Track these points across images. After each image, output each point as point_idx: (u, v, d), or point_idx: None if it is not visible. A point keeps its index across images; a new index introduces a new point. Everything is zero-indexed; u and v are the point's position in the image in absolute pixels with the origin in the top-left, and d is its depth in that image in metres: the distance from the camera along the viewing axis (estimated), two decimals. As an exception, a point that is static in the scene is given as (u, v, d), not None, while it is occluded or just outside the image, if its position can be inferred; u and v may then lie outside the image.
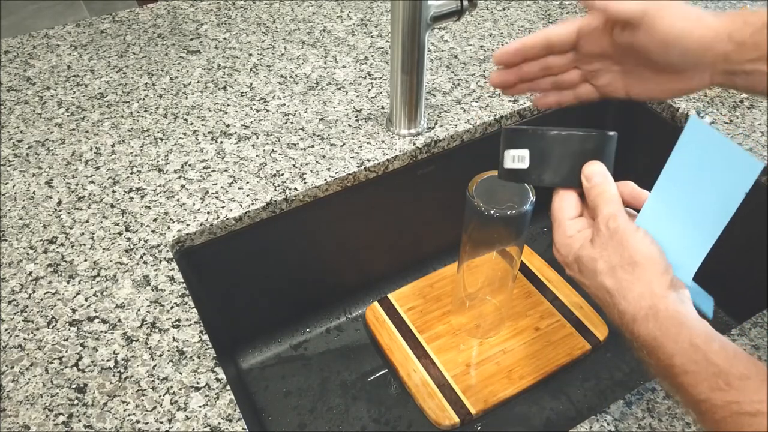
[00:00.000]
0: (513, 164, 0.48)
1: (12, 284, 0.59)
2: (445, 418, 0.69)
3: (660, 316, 0.39)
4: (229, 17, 0.96)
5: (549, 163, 0.47)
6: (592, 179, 0.45)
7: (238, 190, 0.68)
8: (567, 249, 0.45)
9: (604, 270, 0.42)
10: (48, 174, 0.70)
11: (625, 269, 0.41)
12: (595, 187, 0.45)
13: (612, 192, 0.44)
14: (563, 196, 0.47)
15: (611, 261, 0.42)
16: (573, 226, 0.45)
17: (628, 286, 0.41)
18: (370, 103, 0.79)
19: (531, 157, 0.47)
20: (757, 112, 0.77)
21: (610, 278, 0.42)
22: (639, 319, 0.40)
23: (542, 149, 0.47)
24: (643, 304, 0.40)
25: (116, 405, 0.50)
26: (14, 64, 0.87)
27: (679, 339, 0.38)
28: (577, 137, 0.46)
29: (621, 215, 0.43)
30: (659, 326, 0.39)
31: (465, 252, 0.69)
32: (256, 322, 0.78)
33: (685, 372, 0.37)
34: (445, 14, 0.66)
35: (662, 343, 0.38)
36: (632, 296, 0.40)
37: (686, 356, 0.37)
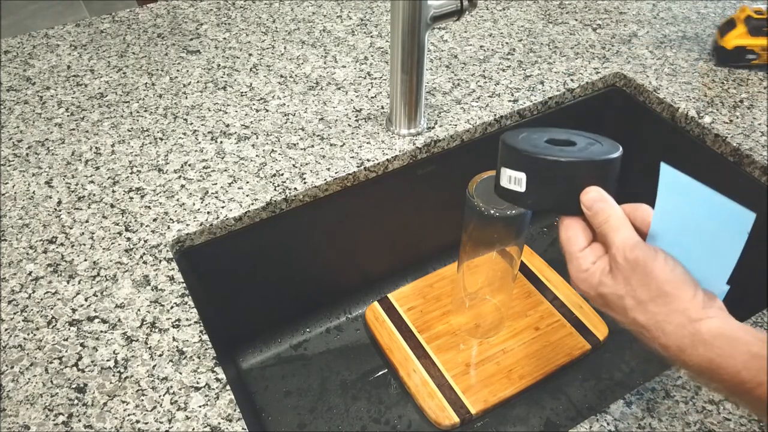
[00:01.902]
0: (509, 185, 0.46)
1: (12, 284, 0.59)
2: (445, 418, 0.69)
3: (707, 339, 0.37)
4: (229, 17, 0.96)
5: (547, 191, 0.45)
6: (593, 207, 0.43)
7: (238, 190, 0.68)
8: (586, 284, 0.43)
9: (634, 306, 0.40)
10: (48, 174, 0.70)
11: (656, 302, 0.39)
12: (598, 214, 0.42)
13: (618, 216, 0.42)
14: (568, 225, 0.44)
15: (639, 296, 0.40)
16: (587, 258, 0.43)
17: (665, 319, 0.39)
18: (370, 103, 0.79)
19: (528, 182, 0.44)
20: (757, 112, 0.77)
21: (642, 314, 0.40)
22: (687, 349, 0.38)
23: (541, 175, 0.44)
24: (684, 332, 0.38)
25: (116, 405, 0.50)
26: (14, 64, 0.87)
27: (736, 354, 0.36)
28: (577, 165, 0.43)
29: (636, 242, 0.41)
30: (710, 349, 0.37)
31: (465, 252, 0.69)
32: (256, 322, 0.78)
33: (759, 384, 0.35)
34: (445, 14, 0.66)
35: (720, 364, 0.37)
36: (671, 328, 0.39)
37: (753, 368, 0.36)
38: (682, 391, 0.53)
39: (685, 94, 0.81)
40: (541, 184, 0.44)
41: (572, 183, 0.43)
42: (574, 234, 0.44)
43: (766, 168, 0.71)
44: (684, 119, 0.78)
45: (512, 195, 0.46)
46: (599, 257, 0.43)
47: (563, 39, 0.91)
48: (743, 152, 0.72)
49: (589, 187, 0.43)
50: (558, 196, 0.44)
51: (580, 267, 0.43)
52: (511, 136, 0.47)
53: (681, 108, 0.78)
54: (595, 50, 0.88)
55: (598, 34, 0.92)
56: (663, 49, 0.89)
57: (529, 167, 0.44)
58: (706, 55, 0.88)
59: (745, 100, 0.79)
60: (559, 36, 0.91)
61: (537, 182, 0.44)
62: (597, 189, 0.43)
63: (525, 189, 0.45)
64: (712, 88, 0.82)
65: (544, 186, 0.44)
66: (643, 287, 0.39)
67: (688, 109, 0.78)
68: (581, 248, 0.43)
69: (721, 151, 0.75)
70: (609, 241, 0.41)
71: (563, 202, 0.44)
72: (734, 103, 0.79)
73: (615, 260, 0.41)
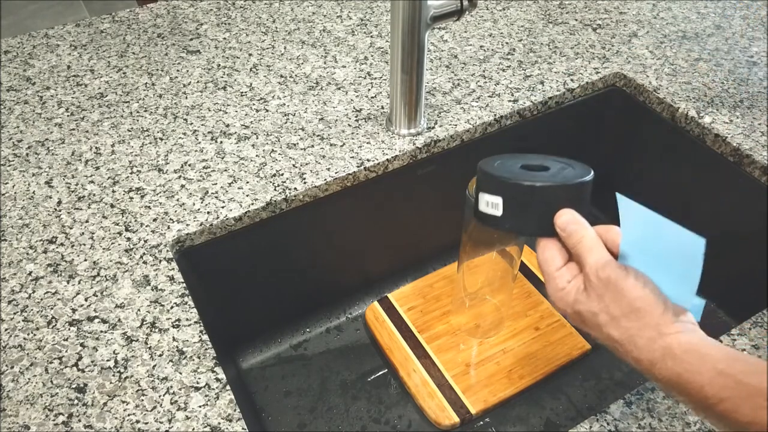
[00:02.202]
0: (487, 209, 0.48)
1: (12, 284, 0.59)
2: (445, 418, 0.69)
3: (677, 354, 0.39)
4: (229, 17, 0.96)
5: (523, 214, 0.46)
6: (566, 228, 0.45)
7: (238, 190, 0.68)
8: (563, 302, 0.45)
9: (607, 322, 0.42)
10: (48, 174, 0.70)
11: (628, 318, 0.41)
12: (572, 235, 0.44)
13: (590, 237, 0.44)
14: (545, 246, 0.46)
15: (612, 312, 0.42)
16: (563, 277, 0.45)
17: (637, 334, 0.41)
18: (369, 103, 0.79)
19: (505, 206, 0.46)
20: (757, 112, 0.77)
21: (615, 330, 0.42)
22: (657, 362, 0.40)
23: (516, 199, 0.46)
24: (655, 347, 0.40)
25: (116, 405, 0.50)
26: (14, 64, 0.87)
27: (703, 370, 0.38)
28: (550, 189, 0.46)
29: (608, 262, 0.43)
30: (679, 363, 0.39)
31: (465, 252, 0.69)
32: (256, 322, 0.78)
33: (721, 400, 0.37)
34: (445, 14, 0.66)
35: (687, 379, 0.38)
36: (642, 342, 0.40)
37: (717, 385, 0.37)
38: (682, 391, 0.53)
39: (685, 94, 0.81)
40: (518, 208, 0.46)
41: (547, 206, 0.46)
42: (551, 255, 0.46)
43: (766, 168, 0.71)
44: (684, 119, 0.78)
45: (490, 219, 0.48)
46: (574, 276, 0.45)
47: (563, 39, 0.91)
48: (743, 152, 0.72)
49: (563, 209, 0.45)
50: (534, 219, 0.46)
51: (557, 286, 0.45)
52: (486, 163, 0.50)
53: (681, 108, 0.78)
54: (595, 50, 0.88)
55: (598, 34, 0.92)
56: (663, 49, 0.89)
57: (505, 192, 0.46)
58: (706, 55, 0.88)
59: (745, 100, 0.79)
60: (559, 36, 0.91)
61: (513, 206, 0.46)
62: (570, 211, 0.45)
63: (502, 213, 0.47)
64: (712, 88, 0.82)
65: (520, 210, 0.46)
66: (615, 304, 0.41)
67: (688, 109, 0.78)
68: (558, 268, 0.45)
69: (721, 151, 0.75)
70: (583, 261, 0.44)
71: (539, 224, 0.46)
72: (734, 103, 0.79)
73: (589, 279, 0.43)
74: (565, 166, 0.49)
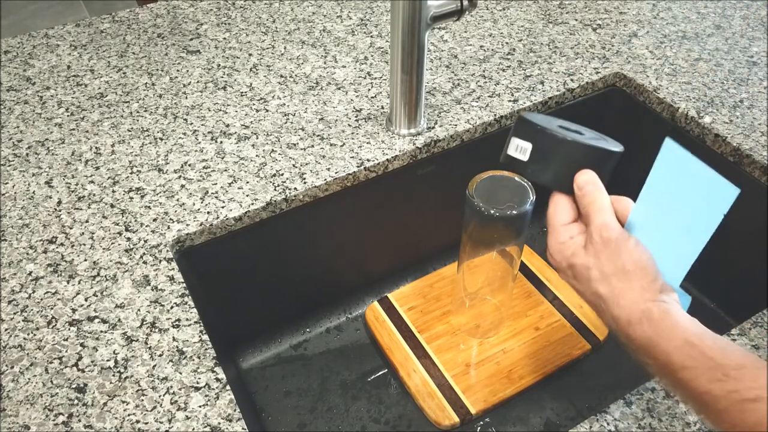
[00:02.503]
0: (514, 153, 0.49)
1: (12, 284, 0.59)
2: (445, 418, 0.69)
3: (654, 318, 0.41)
4: (229, 17, 0.96)
5: (547, 163, 0.48)
6: (584, 188, 0.46)
7: (238, 190, 0.68)
8: (560, 255, 0.47)
9: (598, 278, 0.44)
10: (48, 174, 0.70)
11: (618, 277, 0.43)
12: (586, 195, 0.46)
13: (602, 201, 0.45)
14: (557, 201, 0.48)
15: (604, 269, 0.43)
16: (566, 232, 0.47)
17: (621, 293, 0.42)
18: (370, 103, 0.79)
19: (532, 152, 0.48)
20: (756, 112, 0.77)
21: (604, 286, 0.43)
22: (633, 323, 0.41)
23: (545, 148, 0.48)
24: (635, 308, 0.42)
25: (116, 405, 0.50)
26: (14, 64, 0.87)
27: (673, 338, 0.40)
28: (579, 146, 0.47)
29: (613, 225, 0.44)
30: (653, 327, 0.40)
31: (465, 252, 0.69)
32: (256, 322, 0.78)
33: (684, 368, 0.39)
34: (445, 14, 0.66)
35: (657, 343, 0.40)
36: (625, 302, 0.42)
37: (682, 353, 0.39)
38: (682, 391, 0.53)
39: (685, 94, 0.81)
40: (544, 157, 0.48)
41: (571, 163, 0.47)
42: (561, 209, 0.48)
43: (766, 168, 0.71)
44: (684, 119, 0.78)
45: (515, 163, 0.49)
46: (578, 233, 0.46)
47: (563, 39, 0.91)
48: (743, 152, 0.72)
49: (586, 170, 0.47)
50: (556, 171, 0.48)
51: (558, 239, 0.47)
52: (528, 113, 0.51)
53: (681, 108, 0.78)
54: (595, 50, 0.88)
55: (598, 34, 0.92)
56: (663, 49, 0.89)
57: (536, 139, 0.48)
58: (706, 55, 0.88)
59: (745, 100, 0.79)
60: (559, 36, 0.91)
61: (540, 155, 0.48)
62: (591, 172, 0.47)
63: (528, 159, 0.48)
64: (712, 88, 0.82)
65: (545, 159, 0.48)
66: (610, 262, 0.43)
67: (688, 109, 0.78)
68: (564, 223, 0.47)
69: (721, 151, 0.75)
70: (590, 220, 0.45)
71: (559, 178, 0.48)
72: (734, 103, 0.79)
73: (591, 237, 0.45)
74: (600, 138, 0.50)
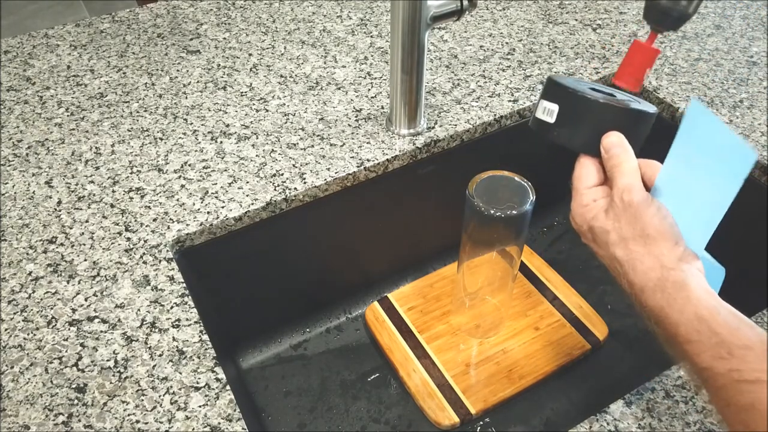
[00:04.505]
0: (542, 116, 0.48)
1: (12, 284, 0.59)
2: (445, 418, 0.69)
3: (667, 288, 0.40)
4: (229, 17, 0.96)
5: (575, 125, 0.46)
6: (610, 150, 0.45)
7: (238, 190, 0.68)
8: (581, 218, 0.46)
9: (616, 241, 0.43)
10: (48, 174, 0.70)
11: (636, 241, 0.42)
12: (612, 158, 0.45)
13: (629, 164, 0.44)
14: (584, 163, 0.47)
15: (623, 233, 0.43)
16: (589, 195, 0.46)
17: (639, 258, 0.42)
18: (369, 103, 0.79)
19: (559, 114, 0.47)
20: (756, 112, 0.77)
21: (621, 250, 0.43)
22: (647, 291, 0.41)
23: (573, 110, 0.46)
24: (651, 275, 0.41)
25: (116, 405, 0.50)
26: (14, 64, 0.87)
27: (684, 310, 0.39)
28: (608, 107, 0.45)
29: (636, 188, 0.43)
30: (666, 298, 0.40)
31: (465, 252, 0.69)
32: (256, 322, 0.78)
33: (689, 341, 0.38)
34: (445, 14, 0.66)
35: (668, 314, 0.40)
36: (642, 268, 0.41)
37: (690, 326, 0.39)
38: (682, 391, 0.53)
39: (685, 94, 0.81)
40: (570, 119, 0.47)
41: (598, 124, 0.46)
42: (587, 172, 0.47)
43: (766, 168, 0.71)
44: (684, 119, 0.78)
45: (543, 126, 0.48)
46: (601, 197, 0.45)
47: (563, 39, 0.91)
48: (743, 152, 0.72)
49: (613, 132, 0.46)
50: (582, 134, 0.46)
51: (581, 202, 0.46)
52: (558, 76, 0.50)
53: (681, 108, 0.78)
54: (595, 50, 0.88)
55: (598, 34, 0.92)
56: (663, 49, 0.89)
57: (563, 101, 0.47)
58: (706, 55, 0.88)
59: (745, 100, 0.79)
60: (559, 36, 0.91)
61: (566, 116, 0.47)
62: (618, 134, 0.46)
63: (555, 120, 0.47)
64: (712, 88, 0.82)
65: (572, 121, 0.47)
66: (629, 226, 0.43)
67: (688, 109, 0.78)
68: (588, 186, 0.46)
69: (721, 151, 0.75)
70: (614, 183, 0.44)
71: (585, 140, 0.46)
72: (734, 103, 0.79)
73: (612, 200, 0.44)
74: (632, 100, 0.49)
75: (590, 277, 0.86)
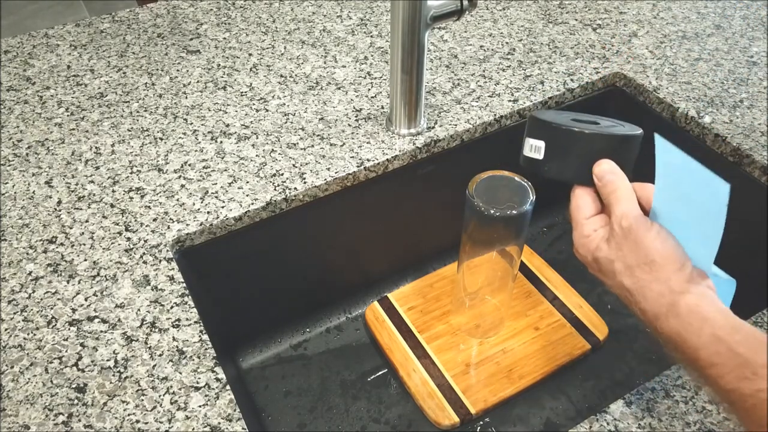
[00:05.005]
0: (530, 153, 0.49)
1: (12, 284, 0.59)
2: (444, 418, 0.69)
3: (681, 313, 0.40)
4: (228, 17, 0.96)
5: (564, 159, 0.47)
6: (603, 178, 0.45)
7: (238, 189, 0.68)
8: (585, 249, 0.46)
9: (622, 270, 0.43)
10: (48, 174, 0.70)
11: (642, 269, 0.42)
12: (607, 185, 0.45)
13: (624, 190, 0.44)
14: (579, 195, 0.47)
15: (628, 261, 0.42)
16: (589, 225, 0.46)
17: (647, 285, 0.41)
18: (369, 102, 0.79)
19: (547, 149, 0.47)
20: (756, 112, 0.77)
21: (628, 278, 0.42)
22: (661, 317, 0.40)
23: (559, 144, 0.47)
24: (663, 302, 0.40)
25: (116, 405, 0.50)
26: (14, 64, 0.87)
27: (701, 333, 0.38)
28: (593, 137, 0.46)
29: (633, 213, 0.43)
30: (681, 322, 0.39)
31: (465, 252, 0.69)
32: (256, 322, 0.78)
33: (712, 365, 0.38)
34: (445, 14, 0.66)
35: (685, 339, 0.39)
36: (652, 295, 0.41)
37: (710, 349, 0.38)
38: (682, 391, 0.53)
39: (685, 94, 0.81)
40: (559, 153, 0.47)
41: (587, 154, 0.46)
42: (584, 203, 0.47)
43: (766, 168, 0.71)
44: (684, 119, 0.78)
45: (532, 163, 0.49)
46: (601, 226, 0.45)
47: (563, 39, 0.91)
48: (743, 152, 0.72)
49: (603, 159, 0.46)
50: (573, 166, 0.47)
51: (582, 233, 0.46)
52: (539, 112, 0.51)
53: (681, 108, 0.78)
54: (595, 50, 0.88)
55: (598, 34, 0.92)
56: (663, 49, 0.89)
57: (549, 136, 0.47)
58: (706, 55, 0.88)
59: (745, 100, 0.79)
60: (559, 36, 0.91)
61: (555, 151, 0.47)
62: (609, 162, 0.46)
63: (543, 156, 0.48)
64: (712, 88, 0.82)
65: (561, 155, 0.47)
66: (632, 254, 0.42)
67: (688, 109, 0.78)
68: (587, 216, 0.46)
69: (721, 151, 0.75)
70: (611, 210, 0.44)
71: (577, 171, 0.47)
72: (734, 103, 0.79)
73: (612, 228, 0.44)
74: (615, 125, 0.49)
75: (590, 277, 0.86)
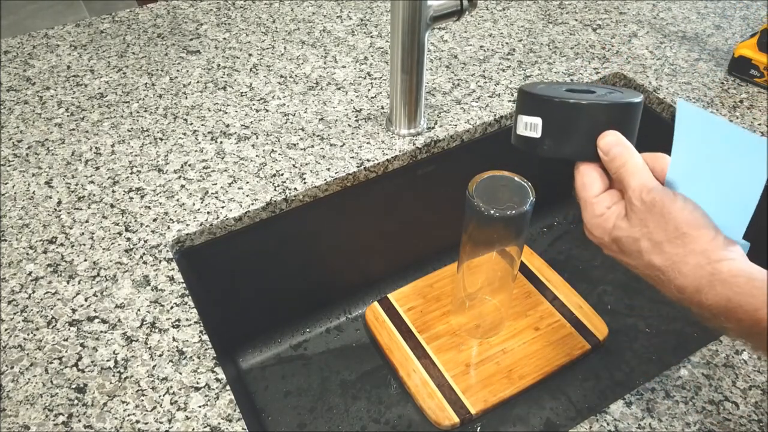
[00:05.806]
0: (525, 131, 0.45)
1: (12, 284, 0.59)
2: (445, 418, 0.69)
3: (726, 279, 0.37)
4: (228, 17, 0.96)
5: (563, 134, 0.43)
6: (610, 151, 0.42)
7: (238, 190, 0.68)
8: (600, 230, 0.42)
9: (650, 249, 0.39)
10: (48, 174, 0.70)
11: (673, 243, 0.39)
12: (615, 159, 0.42)
13: (635, 161, 0.41)
14: (584, 172, 0.44)
15: (655, 237, 0.39)
16: (601, 203, 0.42)
17: (682, 260, 0.38)
18: (369, 103, 0.79)
19: (544, 126, 0.44)
20: (756, 112, 0.77)
21: (658, 256, 0.39)
22: (704, 289, 0.37)
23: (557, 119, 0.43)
24: (703, 273, 0.38)
25: (116, 405, 0.50)
26: (14, 64, 0.87)
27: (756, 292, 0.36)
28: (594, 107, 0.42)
29: (654, 185, 0.40)
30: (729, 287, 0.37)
31: (465, 252, 0.69)
32: (256, 322, 0.78)
33: None
34: (445, 14, 0.66)
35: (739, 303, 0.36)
36: (689, 269, 0.38)
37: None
38: (682, 391, 0.53)
39: (685, 94, 0.81)
40: (557, 129, 0.43)
41: (589, 127, 0.43)
42: (590, 180, 0.43)
43: (766, 168, 0.71)
44: (684, 119, 0.78)
45: (528, 142, 0.45)
46: (615, 203, 0.42)
47: (563, 39, 0.91)
48: (743, 152, 0.72)
49: (607, 131, 0.42)
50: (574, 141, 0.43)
51: (594, 212, 0.42)
52: (528, 85, 0.47)
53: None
54: (595, 50, 0.88)
55: (598, 34, 0.92)
56: (663, 49, 0.89)
57: (545, 112, 0.43)
58: (706, 55, 0.88)
59: (745, 100, 0.79)
60: (559, 36, 0.91)
61: (553, 127, 0.43)
62: (614, 133, 0.42)
63: (540, 134, 0.44)
64: (712, 88, 0.82)
65: (560, 130, 0.43)
66: (659, 228, 0.39)
67: (688, 109, 0.78)
68: (596, 194, 0.43)
69: (721, 151, 0.75)
70: (626, 185, 0.41)
71: (579, 147, 0.43)
72: (734, 103, 0.79)
73: (631, 203, 0.40)
74: (613, 91, 0.46)
75: (590, 277, 0.87)
